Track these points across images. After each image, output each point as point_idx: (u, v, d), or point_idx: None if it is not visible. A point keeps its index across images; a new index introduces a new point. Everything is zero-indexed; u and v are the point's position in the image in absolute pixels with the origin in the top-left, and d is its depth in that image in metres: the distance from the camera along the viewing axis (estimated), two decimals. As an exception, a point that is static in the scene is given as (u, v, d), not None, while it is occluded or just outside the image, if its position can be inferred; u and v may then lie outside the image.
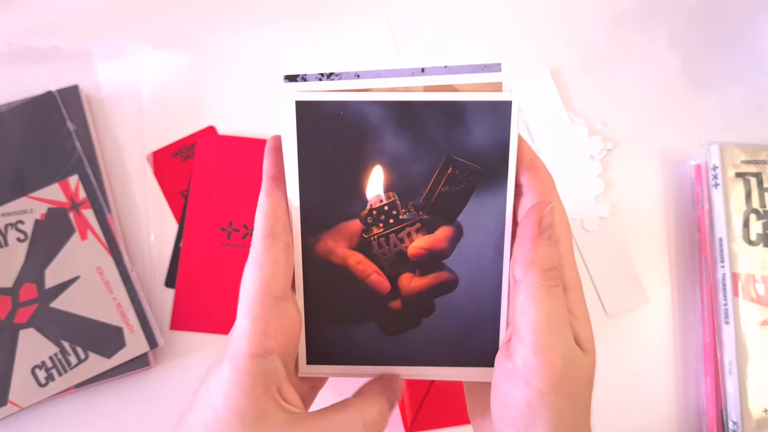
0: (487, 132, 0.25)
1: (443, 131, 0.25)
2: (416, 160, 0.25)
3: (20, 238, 0.45)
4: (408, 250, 0.27)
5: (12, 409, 0.43)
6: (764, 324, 0.46)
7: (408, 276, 0.27)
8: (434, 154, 0.25)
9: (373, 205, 0.26)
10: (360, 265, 0.26)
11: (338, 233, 0.26)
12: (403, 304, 0.27)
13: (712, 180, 0.49)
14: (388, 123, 0.25)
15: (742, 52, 0.55)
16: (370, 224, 0.26)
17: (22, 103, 0.47)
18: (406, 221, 0.26)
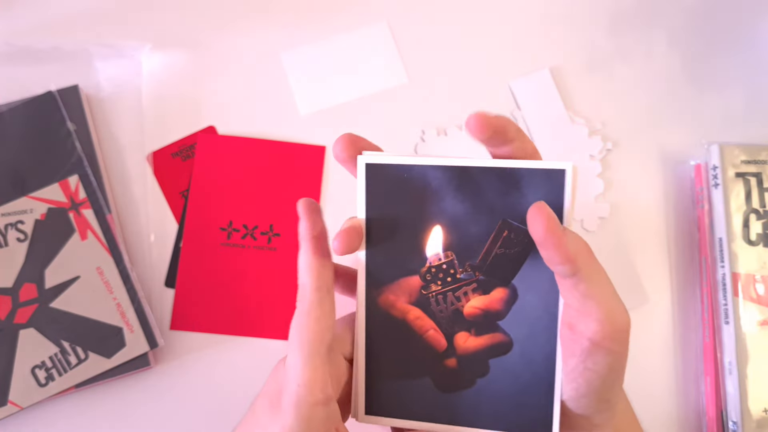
0: (542, 198, 0.26)
1: (500, 196, 0.26)
2: (473, 222, 0.27)
3: (20, 238, 0.45)
4: (464, 309, 0.27)
5: (12, 409, 0.43)
6: (764, 324, 0.46)
7: (464, 335, 0.28)
8: (491, 217, 0.26)
9: (432, 262, 0.27)
10: (419, 321, 0.27)
11: (399, 288, 0.27)
12: (458, 363, 0.28)
13: (712, 180, 0.49)
14: (448, 186, 0.26)
15: (742, 52, 0.55)
16: (429, 281, 0.27)
17: (22, 103, 0.47)
18: (462, 281, 0.27)
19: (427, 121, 0.52)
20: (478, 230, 0.27)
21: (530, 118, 0.52)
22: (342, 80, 0.52)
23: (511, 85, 0.53)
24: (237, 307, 0.47)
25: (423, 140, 0.51)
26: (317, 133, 0.51)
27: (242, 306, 0.47)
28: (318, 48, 0.52)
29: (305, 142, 0.50)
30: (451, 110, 0.52)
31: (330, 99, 0.52)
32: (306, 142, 0.50)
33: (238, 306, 0.47)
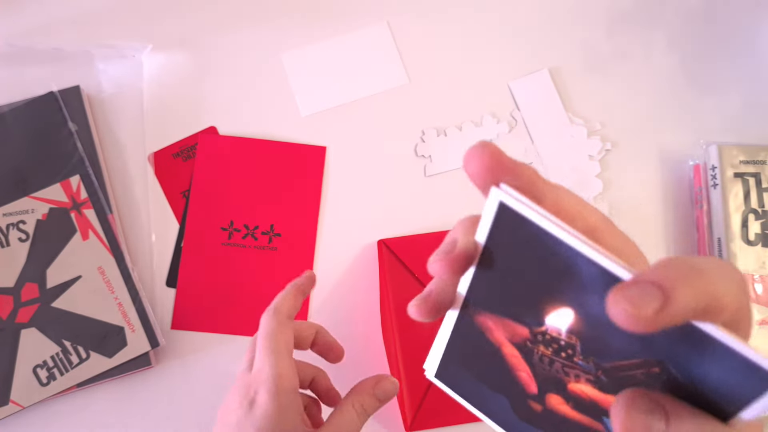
0: (722, 379, 0.19)
1: (667, 339, 0.19)
2: (619, 338, 0.20)
3: (22, 238, 0.45)
4: (571, 386, 0.23)
5: (14, 408, 0.43)
6: (762, 323, 0.46)
7: (558, 399, 0.24)
8: (645, 349, 0.20)
9: (551, 333, 0.22)
10: (514, 359, 0.24)
11: (502, 323, 0.23)
12: (543, 412, 0.24)
13: (711, 180, 0.50)
14: (597, 284, 0.19)
15: (740, 54, 0.55)
16: (539, 342, 0.22)
17: (23, 104, 0.47)
18: (579, 366, 0.22)
19: (427, 121, 0.52)
20: (620, 346, 0.20)
21: (529, 119, 0.52)
22: (342, 81, 0.52)
23: (511, 85, 0.53)
24: (238, 306, 0.47)
25: (423, 140, 0.51)
26: (318, 134, 0.51)
27: (243, 305, 0.47)
28: (318, 49, 0.53)
29: (306, 142, 0.51)
30: (451, 111, 0.52)
31: (330, 99, 0.52)
32: (307, 143, 0.51)
33: (238, 305, 0.47)
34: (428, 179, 0.51)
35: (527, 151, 0.52)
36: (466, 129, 0.52)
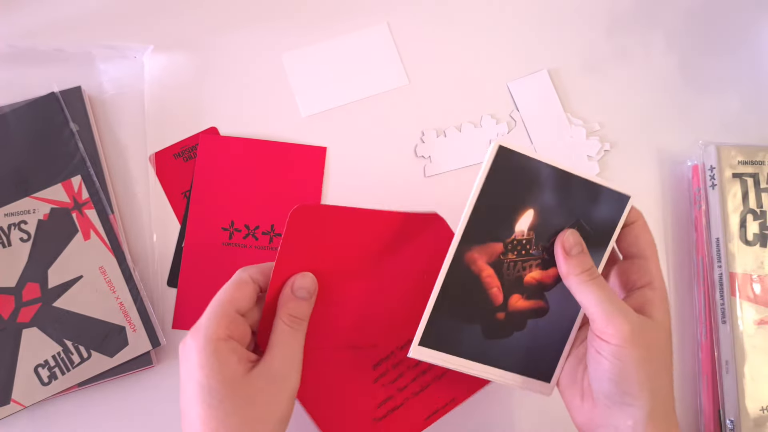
0: (608, 212, 0.35)
1: (582, 200, 0.34)
2: (557, 214, 0.34)
3: (23, 238, 0.45)
4: (525, 277, 0.35)
5: (15, 407, 0.43)
6: (761, 323, 0.47)
7: (517, 297, 0.35)
8: (570, 214, 0.35)
9: (517, 236, 0.34)
10: (489, 278, 0.35)
11: (484, 250, 0.34)
12: (505, 317, 0.35)
13: (710, 180, 0.50)
14: (550, 182, 0.34)
15: (739, 54, 0.55)
16: (508, 250, 0.34)
17: (25, 104, 0.47)
18: (533, 256, 0.35)
19: (426, 122, 0.52)
20: (559, 222, 0.34)
21: (528, 119, 0.52)
22: (342, 81, 0.52)
23: (510, 86, 0.53)
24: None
25: (423, 141, 0.51)
26: (318, 134, 0.51)
27: (244, 305, 0.47)
28: (319, 49, 0.53)
29: (306, 143, 0.51)
30: (450, 111, 0.52)
31: (331, 100, 0.52)
32: (307, 143, 0.51)
33: (239, 305, 0.47)
34: (428, 180, 0.51)
35: (527, 152, 0.52)
36: (465, 130, 0.52)
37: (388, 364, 0.37)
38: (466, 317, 0.35)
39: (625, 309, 0.33)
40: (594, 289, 0.33)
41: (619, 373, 0.32)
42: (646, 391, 0.32)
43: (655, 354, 0.33)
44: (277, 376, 0.33)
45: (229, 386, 0.31)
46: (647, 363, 0.32)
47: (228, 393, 0.31)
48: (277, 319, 0.35)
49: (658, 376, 0.33)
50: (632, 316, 0.32)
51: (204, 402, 0.31)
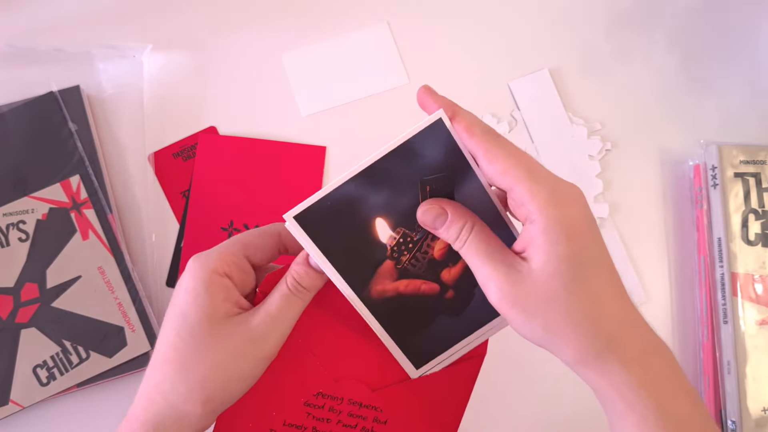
0: (438, 147, 0.31)
1: (408, 167, 0.31)
2: (400, 196, 0.31)
3: (22, 238, 0.45)
4: (435, 255, 0.33)
5: (13, 408, 0.43)
6: (763, 323, 0.46)
7: (446, 271, 0.33)
8: (412, 185, 0.31)
9: (390, 244, 0.32)
10: (410, 285, 0.33)
11: (380, 276, 0.32)
12: (455, 291, 0.33)
13: (711, 180, 0.50)
14: (366, 187, 0.31)
15: (741, 53, 0.55)
16: (397, 257, 0.32)
17: (23, 104, 0.47)
18: (421, 239, 0.33)
19: (427, 121, 0.52)
20: (409, 200, 0.31)
21: (529, 119, 0.52)
22: (342, 81, 0.52)
23: (511, 85, 0.53)
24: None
25: (423, 140, 0.51)
26: (318, 134, 0.51)
27: (243, 305, 0.47)
28: (319, 49, 0.53)
29: (306, 142, 0.51)
30: (451, 111, 0.52)
31: (331, 99, 0.52)
32: (307, 143, 0.51)
33: (238, 305, 0.47)
34: (428, 179, 0.51)
35: (527, 151, 0.52)
36: (466, 129, 0.52)
37: (332, 403, 0.35)
38: (426, 323, 0.34)
39: (495, 266, 0.29)
40: (467, 253, 0.30)
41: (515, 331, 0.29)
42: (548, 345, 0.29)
43: (541, 308, 0.28)
44: (254, 333, 0.31)
45: (204, 320, 0.30)
46: (533, 322, 0.28)
47: (200, 327, 0.30)
48: (282, 280, 0.32)
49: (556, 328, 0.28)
50: (501, 278, 0.28)
51: (174, 328, 0.30)
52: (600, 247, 0.29)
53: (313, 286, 0.32)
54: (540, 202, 0.27)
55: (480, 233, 0.30)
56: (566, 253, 0.27)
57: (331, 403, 0.34)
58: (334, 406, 0.34)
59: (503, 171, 0.28)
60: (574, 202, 0.29)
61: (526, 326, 0.28)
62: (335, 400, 0.34)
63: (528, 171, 0.28)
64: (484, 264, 0.29)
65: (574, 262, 0.28)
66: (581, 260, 0.28)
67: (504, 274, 0.28)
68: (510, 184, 0.28)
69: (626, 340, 0.28)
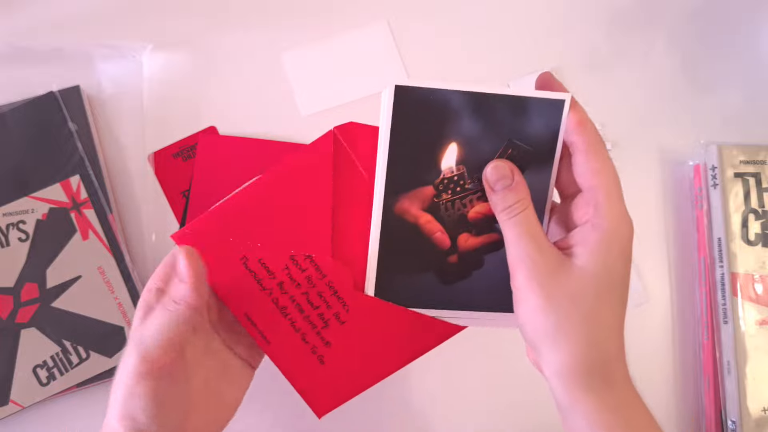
0: (543, 122, 0.31)
1: (509, 120, 0.31)
2: (485, 141, 0.31)
3: (22, 237, 0.45)
4: (468, 214, 0.32)
5: (13, 408, 0.43)
6: (763, 323, 0.46)
7: (465, 236, 0.33)
8: (500, 138, 0.31)
9: (446, 174, 0.31)
10: (429, 224, 0.32)
11: (414, 196, 0.32)
12: (459, 259, 0.33)
13: (711, 180, 0.50)
14: (465, 109, 0.30)
15: (741, 53, 0.55)
16: (441, 191, 0.31)
17: (23, 104, 0.47)
18: (470, 190, 0.32)
19: (427, 121, 0.52)
20: (489, 148, 0.31)
21: (530, 119, 0.52)
22: (342, 80, 0.52)
23: (511, 85, 0.53)
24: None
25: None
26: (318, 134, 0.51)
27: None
28: (318, 48, 0.53)
29: (306, 142, 0.51)
30: (451, 111, 0.52)
31: (330, 99, 0.52)
32: (307, 142, 0.51)
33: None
34: (428, 179, 0.51)
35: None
36: (466, 129, 0.52)
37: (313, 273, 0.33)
38: (416, 268, 0.33)
39: (538, 247, 0.29)
40: (512, 226, 0.30)
41: (521, 316, 0.29)
42: (549, 341, 0.28)
43: (565, 302, 0.28)
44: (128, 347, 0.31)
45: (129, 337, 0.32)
46: (551, 312, 0.28)
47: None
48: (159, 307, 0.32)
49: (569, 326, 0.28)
50: (539, 259, 0.29)
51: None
52: (629, 278, 0.30)
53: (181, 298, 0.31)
54: (614, 212, 0.29)
55: (532, 215, 0.30)
56: (613, 266, 0.29)
57: (312, 273, 0.33)
58: (312, 277, 0.33)
59: (596, 170, 0.29)
60: (630, 231, 0.30)
61: (540, 313, 0.28)
62: (318, 272, 0.33)
63: (615, 182, 0.29)
64: (525, 240, 0.29)
65: (613, 276, 0.29)
66: (619, 278, 0.29)
67: (543, 256, 0.29)
68: (595, 184, 0.29)
69: (615, 368, 0.30)
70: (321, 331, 0.34)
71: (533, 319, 0.29)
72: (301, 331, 0.33)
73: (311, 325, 0.33)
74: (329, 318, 0.33)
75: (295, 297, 0.33)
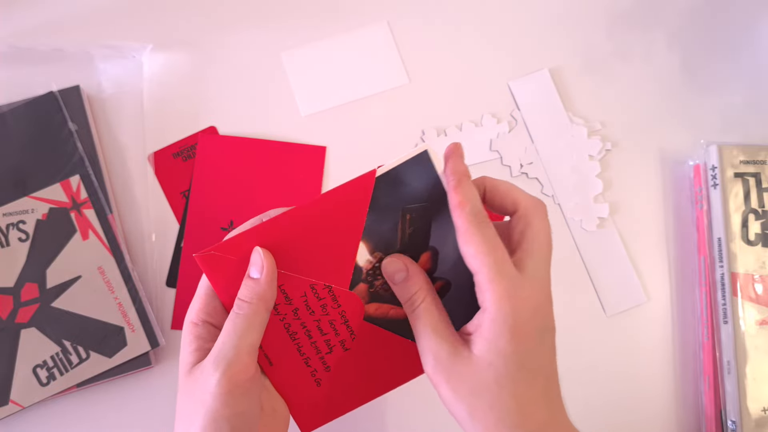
0: (423, 178, 0.32)
1: (393, 194, 0.32)
2: (384, 222, 0.32)
3: (22, 237, 0.45)
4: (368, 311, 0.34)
5: (13, 408, 0.43)
6: (763, 323, 0.46)
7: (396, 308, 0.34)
8: (394, 213, 0.32)
9: (366, 268, 0.33)
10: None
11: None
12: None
13: (711, 180, 0.50)
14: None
15: (741, 53, 0.55)
16: (371, 281, 0.33)
17: (23, 104, 0.47)
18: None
19: (427, 121, 0.52)
20: (389, 226, 0.32)
21: (529, 119, 0.52)
22: (342, 80, 0.52)
23: (511, 85, 0.53)
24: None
25: (423, 140, 0.51)
26: (318, 134, 0.51)
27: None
28: (318, 48, 0.53)
29: (306, 142, 0.51)
30: (451, 110, 0.52)
31: (330, 99, 0.52)
32: (306, 143, 0.51)
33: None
34: (428, 179, 0.51)
35: (527, 151, 0.52)
36: (466, 129, 0.52)
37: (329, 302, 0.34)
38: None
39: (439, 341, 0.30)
40: (415, 319, 0.31)
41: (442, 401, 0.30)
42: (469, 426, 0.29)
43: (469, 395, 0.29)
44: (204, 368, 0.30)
45: (181, 375, 0.31)
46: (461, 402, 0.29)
47: (180, 382, 0.31)
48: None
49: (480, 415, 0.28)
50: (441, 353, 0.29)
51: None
52: (545, 353, 0.30)
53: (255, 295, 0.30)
54: (497, 293, 0.28)
55: (431, 305, 0.31)
56: (506, 349, 0.28)
57: (328, 302, 0.33)
58: (327, 306, 0.33)
59: (473, 254, 0.28)
60: (531, 305, 0.29)
61: (453, 404, 0.29)
62: (334, 302, 0.33)
63: (495, 261, 0.28)
64: (427, 335, 0.30)
65: (512, 359, 0.28)
66: (520, 360, 0.28)
67: (444, 350, 0.29)
68: (476, 268, 0.29)
69: None
70: (324, 356, 0.34)
71: (450, 406, 0.29)
72: (306, 356, 0.34)
73: (316, 350, 0.34)
74: (335, 345, 0.34)
75: (307, 323, 0.33)
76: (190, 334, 0.31)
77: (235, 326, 0.30)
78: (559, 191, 0.51)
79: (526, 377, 0.28)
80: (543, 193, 0.51)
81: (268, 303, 0.31)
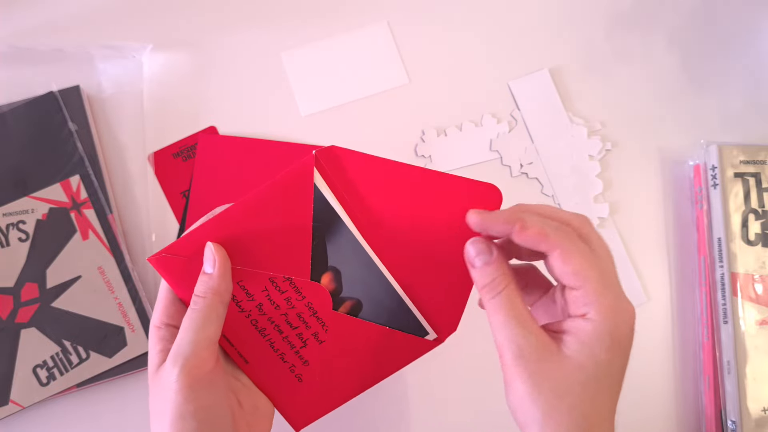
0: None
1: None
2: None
3: (22, 237, 0.45)
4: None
5: (13, 408, 0.43)
6: (763, 323, 0.46)
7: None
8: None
9: None
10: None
11: None
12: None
13: (711, 180, 0.50)
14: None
15: (741, 53, 0.55)
16: None
17: (23, 104, 0.47)
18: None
19: (427, 121, 0.52)
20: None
21: (529, 119, 0.52)
22: (342, 80, 0.52)
23: (511, 85, 0.53)
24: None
25: (423, 140, 0.51)
26: (318, 134, 0.51)
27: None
28: (318, 48, 0.53)
29: (306, 142, 0.51)
30: (451, 110, 0.52)
31: (330, 99, 0.52)
32: (306, 143, 0.51)
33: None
34: (428, 179, 0.51)
35: (527, 151, 0.52)
36: (466, 129, 0.52)
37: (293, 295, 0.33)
38: None
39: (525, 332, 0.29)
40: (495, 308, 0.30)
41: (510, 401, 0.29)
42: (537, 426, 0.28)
43: (552, 393, 0.28)
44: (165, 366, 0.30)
45: (149, 378, 0.31)
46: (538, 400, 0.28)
47: (149, 384, 0.31)
48: None
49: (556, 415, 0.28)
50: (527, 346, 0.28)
51: None
52: (625, 366, 0.30)
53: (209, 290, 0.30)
54: (605, 307, 0.28)
55: (514, 292, 0.30)
56: (601, 356, 0.28)
57: (291, 294, 0.33)
58: (291, 298, 0.33)
59: (575, 271, 0.28)
60: (628, 319, 0.30)
61: (527, 400, 0.28)
62: (298, 294, 0.33)
63: (600, 273, 0.28)
64: (510, 325, 0.29)
65: (603, 366, 0.28)
66: (609, 370, 0.29)
67: (530, 343, 0.28)
68: (580, 283, 0.28)
69: None
70: (300, 350, 0.34)
71: (521, 405, 0.28)
72: (280, 351, 0.34)
73: (290, 345, 0.34)
74: (308, 338, 0.34)
75: (274, 318, 0.33)
76: (155, 336, 0.31)
77: (191, 322, 0.30)
78: (559, 191, 0.51)
79: (609, 387, 0.29)
80: (543, 193, 0.51)
81: (223, 296, 0.31)
